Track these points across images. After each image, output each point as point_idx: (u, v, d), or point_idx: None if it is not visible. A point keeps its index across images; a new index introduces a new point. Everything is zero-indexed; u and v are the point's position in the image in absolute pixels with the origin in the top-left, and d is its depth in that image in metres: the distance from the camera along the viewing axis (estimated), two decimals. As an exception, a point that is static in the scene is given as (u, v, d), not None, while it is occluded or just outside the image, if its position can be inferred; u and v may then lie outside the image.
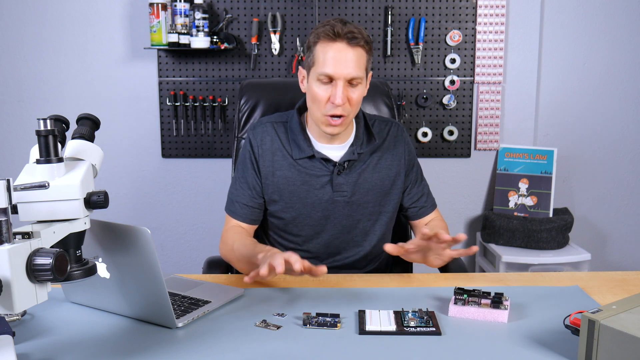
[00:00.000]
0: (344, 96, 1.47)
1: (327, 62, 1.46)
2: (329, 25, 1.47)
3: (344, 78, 1.47)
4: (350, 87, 1.49)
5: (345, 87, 1.48)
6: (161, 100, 2.80)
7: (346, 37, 1.46)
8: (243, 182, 1.64)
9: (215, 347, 1.10)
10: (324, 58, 1.47)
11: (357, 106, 1.54)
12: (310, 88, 1.53)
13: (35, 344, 1.12)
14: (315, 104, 1.52)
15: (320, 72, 1.48)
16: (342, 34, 1.46)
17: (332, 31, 1.46)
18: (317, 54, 1.49)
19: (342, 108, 1.49)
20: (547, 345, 1.10)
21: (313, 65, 1.51)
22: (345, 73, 1.46)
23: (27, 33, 2.78)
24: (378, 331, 1.16)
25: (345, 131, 1.61)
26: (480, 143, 2.88)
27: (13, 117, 2.85)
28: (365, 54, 1.50)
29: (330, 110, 1.49)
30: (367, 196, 1.63)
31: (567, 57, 2.85)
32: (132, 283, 1.18)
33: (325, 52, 1.47)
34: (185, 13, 2.62)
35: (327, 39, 1.47)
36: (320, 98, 1.50)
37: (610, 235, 3.03)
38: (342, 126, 1.53)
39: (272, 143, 1.62)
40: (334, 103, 1.47)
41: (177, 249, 2.97)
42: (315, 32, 1.51)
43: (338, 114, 1.49)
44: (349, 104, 1.49)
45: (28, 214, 0.97)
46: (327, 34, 1.47)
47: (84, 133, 1.09)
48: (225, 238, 1.62)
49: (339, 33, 1.46)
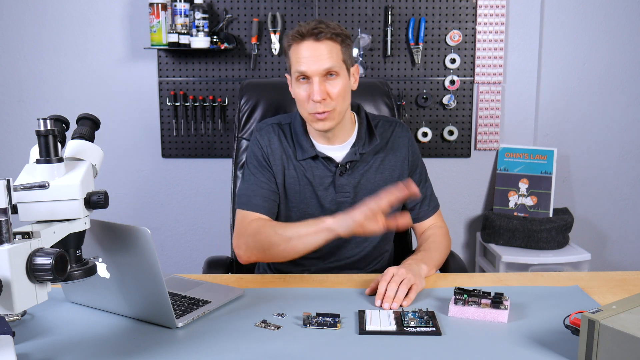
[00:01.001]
0: (322, 91, 1.49)
1: (300, 60, 1.50)
2: (296, 28, 1.52)
3: (317, 73, 1.49)
4: (328, 81, 1.51)
5: (321, 83, 1.49)
6: (161, 100, 2.80)
7: (312, 33, 1.49)
8: (258, 178, 1.63)
9: (215, 347, 1.10)
10: (296, 58, 1.51)
11: (342, 99, 1.53)
12: (293, 90, 1.56)
13: (35, 344, 1.12)
14: (300, 105, 1.55)
15: (295, 71, 1.52)
16: (306, 33, 1.50)
17: (297, 32, 1.51)
18: (291, 56, 1.54)
19: (324, 104, 1.50)
20: (547, 345, 1.10)
21: (290, 68, 1.55)
22: (316, 67, 1.49)
23: (27, 33, 2.78)
24: (378, 331, 1.16)
25: (345, 131, 1.61)
26: (480, 143, 2.88)
27: (13, 117, 2.85)
28: (338, 45, 1.51)
29: (313, 108, 1.51)
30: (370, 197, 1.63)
31: (567, 57, 2.85)
32: (132, 283, 1.18)
33: (296, 52, 1.51)
34: (185, 13, 2.62)
35: (295, 40, 1.52)
36: (301, 97, 1.52)
37: (610, 235, 3.03)
38: (330, 120, 1.53)
39: (278, 144, 1.64)
40: (313, 100, 1.49)
41: (177, 249, 2.97)
42: (285, 37, 1.56)
43: (320, 111, 1.51)
44: (329, 98, 1.51)
45: (28, 214, 0.97)
46: (294, 36, 1.52)
47: (84, 133, 1.09)
48: (246, 231, 1.54)
49: (303, 33, 1.50)
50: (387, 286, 1.31)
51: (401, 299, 1.29)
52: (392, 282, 1.31)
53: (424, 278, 1.41)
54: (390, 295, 1.29)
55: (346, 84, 1.54)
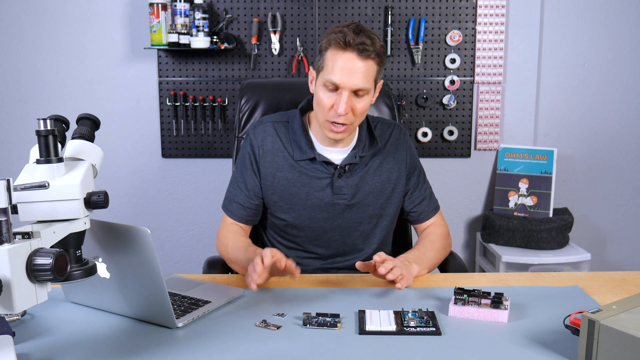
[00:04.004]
0: (348, 106, 1.46)
1: (335, 70, 1.44)
2: (341, 33, 1.44)
3: (349, 88, 1.45)
4: (355, 97, 1.47)
5: (350, 98, 1.46)
6: (161, 100, 2.80)
7: (357, 48, 1.43)
8: (241, 182, 1.64)
9: (215, 347, 1.10)
10: (332, 66, 1.45)
11: (362, 116, 1.52)
12: (316, 92, 1.52)
13: (35, 344, 1.12)
14: (320, 109, 1.51)
15: (327, 78, 1.46)
16: (352, 44, 1.42)
17: (343, 40, 1.43)
18: (326, 60, 1.47)
19: (345, 117, 1.48)
20: (547, 345, 1.10)
21: (322, 70, 1.49)
22: (351, 84, 1.44)
23: (27, 33, 2.78)
24: (378, 331, 1.16)
25: (351, 136, 1.60)
26: (480, 143, 2.88)
27: (13, 117, 2.85)
28: (376, 66, 1.47)
29: (333, 117, 1.48)
30: (368, 199, 1.63)
31: (567, 57, 2.85)
32: (132, 283, 1.18)
33: (334, 60, 1.45)
34: (185, 13, 2.62)
35: (337, 47, 1.44)
36: (324, 104, 1.48)
37: (610, 235, 3.03)
38: (345, 133, 1.52)
39: (272, 144, 1.62)
40: (336, 112, 1.46)
41: (177, 249, 2.97)
42: (327, 36, 1.48)
43: (340, 122, 1.48)
44: (352, 113, 1.48)
45: (28, 214, 0.97)
46: (338, 42, 1.44)
47: (84, 133, 1.09)
48: (221, 236, 1.64)
49: (350, 43, 1.43)
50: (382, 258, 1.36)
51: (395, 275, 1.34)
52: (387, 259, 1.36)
53: (412, 277, 1.43)
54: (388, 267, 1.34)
55: (370, 101, 1.52)
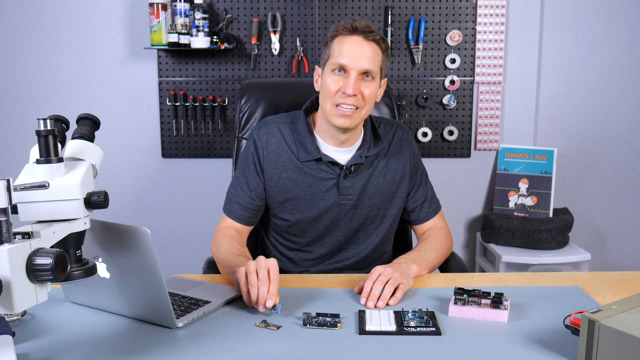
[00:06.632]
0: (356, 87, 1.48)
1: (343, 53, 1.49)
2: (348, 22, 1.52)
3: (357, 70, 1.48)
4: (363, 81, 1.50)
5: (357, 80, 1.49)
6: (161, 100, 2.80)
7: (363, 31, 1.49)
8: (243, 183, 1.63)
9: (215, 347, 1.10)
10: (339, 50, 1.50)
11: (370, 103, 1.54)
12: (323, 81, 1.54)
13: (35, 344, 1.12)
14: (326, 96, 1.52)
15: (334, 62, 1.50)
16: (359, 28, 1.50)
17: (350, 25, 1.51)
18: (333, 47, 1.52)
19: (354, 99, 1.49)
20: (547, 345, 1.10)
21: (328, 58, 1.53)
22: (359, 65, 1.48)
23: (27, 33, 2.78)
24: (378, 331, 1.16)
25: (355, 134, 1.60)
26: (480, 143, 2.88)
27: (13, 117, 2.85)
28: (381, 52, 1.52)
29: (341, 98, 1.49)
30: (373, 199, 1.63)
31: (567, 57, 2.85)
32: (132, 283, 1.18)
33: (341, 44, 1.50)
34: (185, 13, 2.62)
35: (344, 33, 1.51)
36: (330, 88, 1.50)
37: (610, 235, 3.03)
38: (353, 119, 1.51)
39: (277, 145, 1.61)
40: (344, 93, 1.48)
41: (177, 249, 2.97)
42: (334, 28, 1.55)
43: (349, 104, 1.49)
44: (362, 97, 1.50)
45: (28, 214, 0.97)
46: (346, 28, 1.51)
47: (84, 133, 1.09)
48: (216, 237, 1.60)
49: (356, 27, 1.50)
50: (372, 285, 1.31)
51: (387, 298, 1.29)
52: (377, 281, 1.31)
53: (412, 278, 1.41)
54: (375, 294, 1.29)
55: (376, 90, 1.54)
